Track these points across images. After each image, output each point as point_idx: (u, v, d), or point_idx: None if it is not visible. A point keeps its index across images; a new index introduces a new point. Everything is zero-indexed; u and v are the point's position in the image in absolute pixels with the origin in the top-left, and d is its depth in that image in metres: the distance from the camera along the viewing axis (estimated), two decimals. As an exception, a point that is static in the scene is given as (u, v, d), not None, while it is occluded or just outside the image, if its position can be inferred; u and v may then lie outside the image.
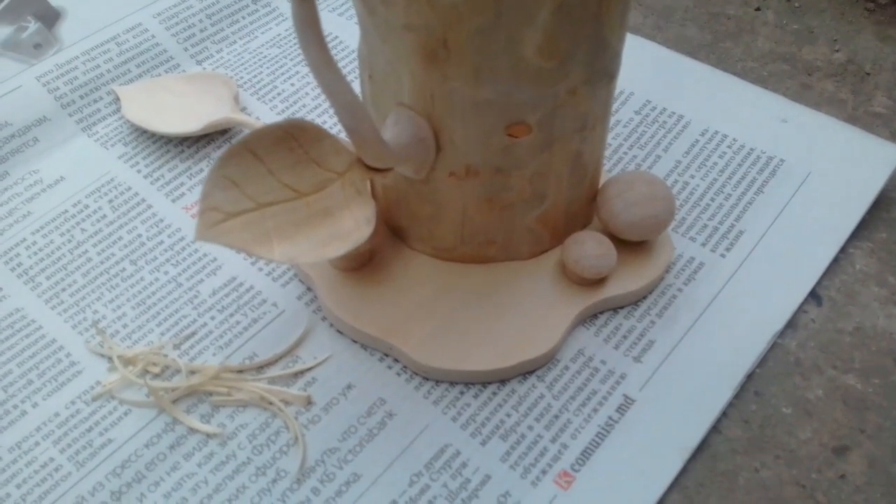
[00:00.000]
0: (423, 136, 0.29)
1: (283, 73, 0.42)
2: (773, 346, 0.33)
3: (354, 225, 0.26)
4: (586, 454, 0.30)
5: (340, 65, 0.42)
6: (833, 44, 0.44)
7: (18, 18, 0.42)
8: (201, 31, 0.43)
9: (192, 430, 0.30)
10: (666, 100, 0.40)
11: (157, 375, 0.31)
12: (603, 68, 0.28)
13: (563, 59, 0.26)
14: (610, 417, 0.31)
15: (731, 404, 0.31)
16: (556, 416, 0.31)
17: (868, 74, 0.43)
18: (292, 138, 0.26)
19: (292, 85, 0.41)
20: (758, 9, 0.46)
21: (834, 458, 0.30)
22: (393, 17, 0.26)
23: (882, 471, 0.30)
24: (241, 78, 0.42)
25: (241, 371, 0.31)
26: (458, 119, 0.28)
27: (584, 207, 0.34)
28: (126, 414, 0.30)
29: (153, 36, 0.42)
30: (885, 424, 0.31)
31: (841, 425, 0.31)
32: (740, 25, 0.45)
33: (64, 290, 0.34)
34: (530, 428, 0.30)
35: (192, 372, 0.31)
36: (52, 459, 0.29)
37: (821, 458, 0.30)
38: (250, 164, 0.24)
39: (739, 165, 0.38)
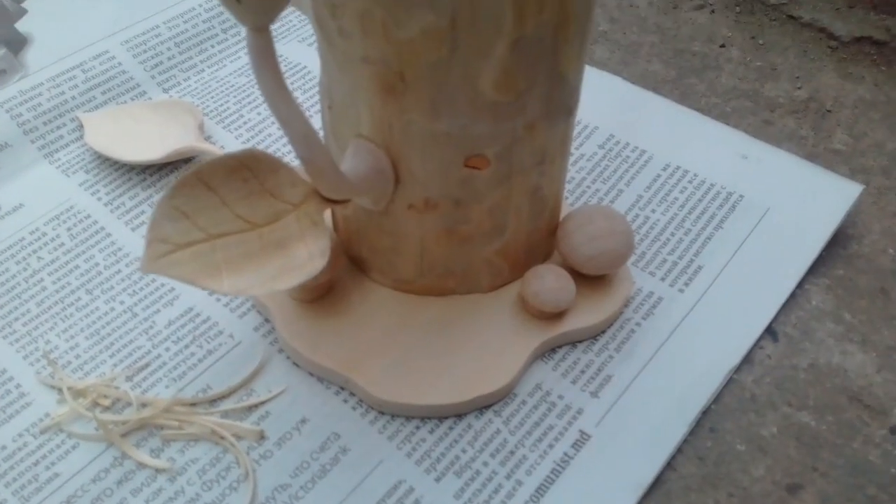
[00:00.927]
0: (381, 167, 0.29)
1: (249, 103, 0.42)
2: (729, 382, 0.33)
3: (308, 257, 0.26)
4: (541, 491, 0.30)
5: (306, 95, 0.42)
6: (795, 81, 0.45)
7: (-18, 43, 0.42)
8: (169, 59, 0.43)
9: (141, 465, 0.29)
10: (629, 134, 0.41)
11: (107, 408, 0.31)
12: (561, 103, 0.28)
13: (519, 94, 0.27)
14: (566, 453, 0.31)
15: (686, 440, 0.31)
16: (512, 452, 0.30)
17: (829, 111, 0.44)
18: (247, 169, 0.25)
19: (258, 114, 0.41)
20: (722, 45, 0.47)
21: (787, 495, 0.30)
22: (350, 50, 0.26)
23: (836, 509, 0.30)
24: (208, 106, 0.41)
25: (193, 404, 0.31)
26: (417, 151, 0.28)
27: (544, 240, 0.34)
28: (74, 447, 0.30)
29: (120, 63, 0.42)
30: (838, 462, 0.31)
31: (794, 462, 0.31)
32: (705, 62, 0.46)
33: (17, 319, 0.33)
34: (485, 464, 0.30)
35: (144, 405, 0.31)
36: (-5, 493, 0.29)
37: (774, 495, 0.30)
38: (202, 195, 0.24)
39: (700, 200, 0.38)
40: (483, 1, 0.24)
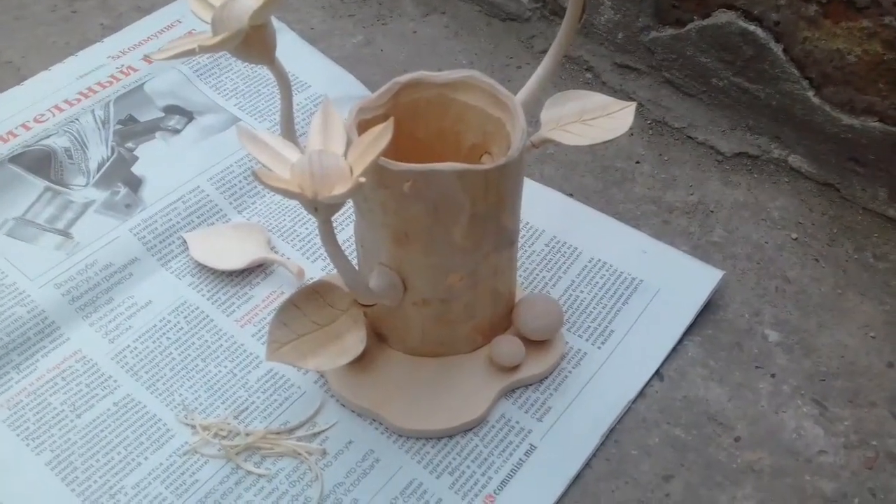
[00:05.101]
0: (395, 282, 0.46)
1: (299, 220, 0.59)
2: (629, 410, 0.50)
3: (353, 343, 0.43)
4: (504, 483, 0.46)
5: (346, 223, 0.59)
6: (689, 188, 0.63)
7: (111, 185, 0.59)
8: (240, 189, 0.60)
9: (249, 472, 0.46)
10: (566, 236, 0.58)
11: (224, 437, 0.48)
12: (504, 241, 0.46)
13: (477, 241, 0.44)
14: (520, 459, 0.47)
15: (599, 448, 0.48)
16: (486, 459, 0.47)
17: (712, 212, 0.61)
18: (316, 292, 0.43)
19: (306, 228, 0.58)
20: (637, 162, 0.64)
21: (663, 483, 0.47)
22: (376, 219, 0.43)
23: (694, 492, 0.47)
24: (270, 223, 0.59)
25: (279, 433, 0.48)
26: (417, 272, 0.45)
27: (504, 318, 0.51)
28: (206, 463, 0.47)
29: (208, 195, 0.59)
30: (698, 461, 0.48)
31: (669, 461, 0.48)
32: (624, 175, 0.63)
33: (158, 380, 0.50)
34: (468, 466, 0.47)
35: (248, 434, 0.48)
36: (160, 493, 0.46)
37: (654, 483, 0.47)
38: (294, 311, 0.41)
39: (613, 284, 0.55)
40: (451, 197, 0.41)
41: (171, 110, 0.64)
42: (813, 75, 0.59)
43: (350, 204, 0.55)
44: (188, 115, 0.64)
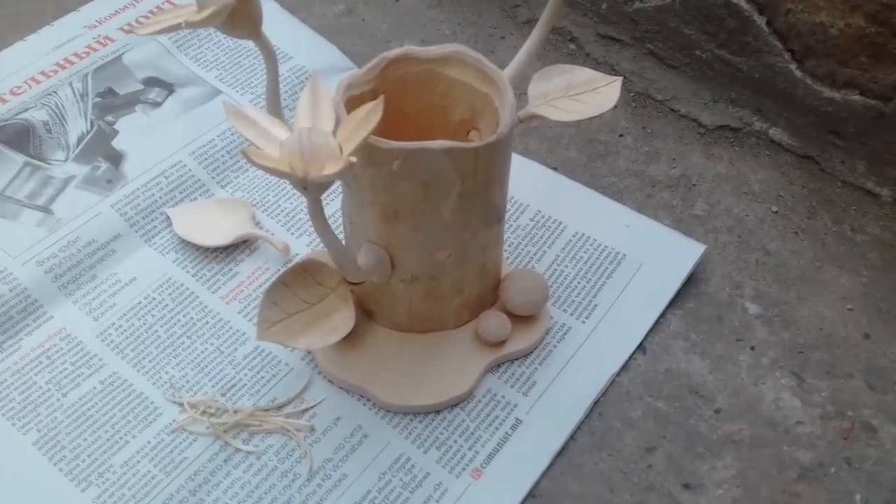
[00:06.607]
0: (383, 259, 0.46)
1: (284, 194, 0.59)
2: (612, 383, 0.51)
3: (342, 322, 0.43)
4: (490, 457, 0.47)
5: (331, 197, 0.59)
6: (672, 161, 0.63)
7: (92, 160, 0.58)
8: (223, 163, 0.60)
9: (238, 450, 0.47)
10: (551, 210, 0.58)
11: (212, 415, 0.48)
12: (492, 217, 0.46)
13: (466, 218, 0.44)
14: (506, 433, 0.48)
15: (583, 421, 0.49)
16: (472, 433, 0.48)
17: (694, 185, 0.61)
18: (305, 271, 0.43)
19: (291, 203, 0.58)
20: (621, 135, 0.64)
21: (645, 454, 0.48)
22: (365, 197, 0.43)
23: (676, 463, 0.48)
24: (254, 198, 0.58)
25: (267, 410, 0.48)
26: (405, 250, 0.45)
27: (490, 294, 0.51)
28: (194, 440, 0.47)
29: (190, 169, 0.59)
30: (679, 433, 0.49)
31: (651, 433, 0.49)
32: (608, 148, 0.64)
33: (144, 357, 0.50)
34: (455, 441, 0.48)
35: (235, 411, 0.48)
36: (149, 471, 0.46)
37: (637, 454, 0.48)
38: (283, 290, 0.41)
39: (597, 258, 0.56)
40: (441, 174, 0.41)
41: (150, 82, 0.63)
42: (796, 48, 0.59)
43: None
44: (168, 88, 0.63)
